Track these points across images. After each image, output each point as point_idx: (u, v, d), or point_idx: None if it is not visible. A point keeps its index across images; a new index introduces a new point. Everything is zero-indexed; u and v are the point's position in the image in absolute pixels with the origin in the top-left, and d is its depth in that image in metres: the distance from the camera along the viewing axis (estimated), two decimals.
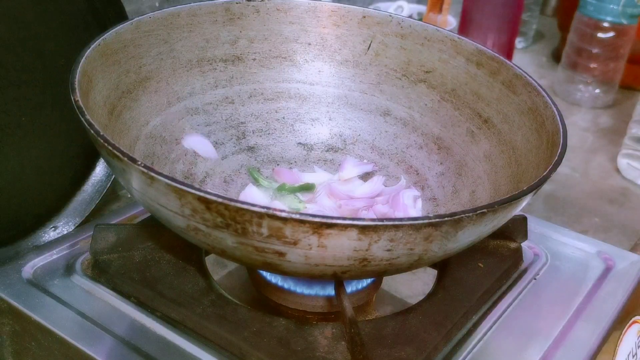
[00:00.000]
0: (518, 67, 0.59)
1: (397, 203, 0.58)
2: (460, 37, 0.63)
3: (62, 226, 0.68)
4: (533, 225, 0.65)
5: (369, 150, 0.66)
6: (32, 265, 0.55)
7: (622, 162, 1.08)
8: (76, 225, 0.68)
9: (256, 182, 0.61)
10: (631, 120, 1.06)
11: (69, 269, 0.55)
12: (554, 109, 0.54)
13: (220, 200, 0.39)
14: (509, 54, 1.26)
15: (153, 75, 0.60)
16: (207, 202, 0.40)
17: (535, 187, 0.45)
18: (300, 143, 0.67)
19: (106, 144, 0.43)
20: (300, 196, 0.59)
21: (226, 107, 0.65)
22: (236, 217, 0.40)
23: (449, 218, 0.41)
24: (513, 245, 0.60)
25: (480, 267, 0.57)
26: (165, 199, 0.42)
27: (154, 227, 0.55)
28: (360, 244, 0.41)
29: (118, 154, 0.42)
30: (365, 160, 0.65)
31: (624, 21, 1.21)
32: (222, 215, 0.40)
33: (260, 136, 0.66)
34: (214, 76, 0.64)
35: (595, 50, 1.26)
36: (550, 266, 0.61)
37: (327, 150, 0.66)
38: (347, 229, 0.40)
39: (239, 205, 0.39)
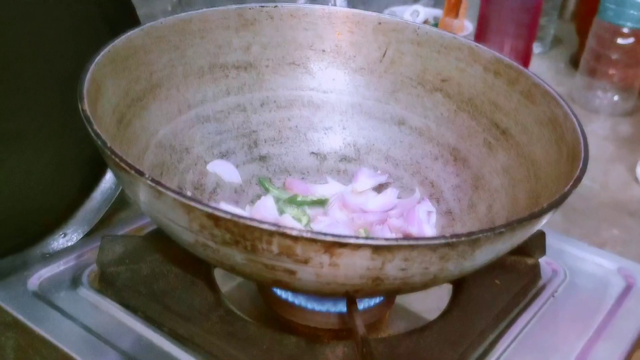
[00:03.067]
0: (537, 76, 0.57)
1: (411, 217, 0.56)
2: (477, 45, 0.62)
3: (70, 233, 0.67)
4: (551, 239, 0.63)
5: (383, 161, 0.64)
6: (39, 277, 0.54)
7: None
8: (85, 233, 0.67)
9: (267, 192, 0.60)
10: None
11: (75, 281, 0.54)
12: (575, 120, 0.52)
13: (229, 217, 0.38)
14: (526, 60, 1.24)
15: (164, 82, 0.59)
16: (215, 219, 0.39)
17: (555, 204, 0.43)
18: (313, 152, 0.65)
19: (113, 156, 0.42)
20: (308, 210, 0.58)
21: (238, 115, 0.63)
22: (245, 234, 0.39)
23: (466, 238, 0.39)
24: (530, 261, 0.58)
25: (497, 284, 0.55)
26: (173, 213, 0.41)
27: (162, 239, 0.54)
28: (374, 263, 0.39)
29: (125, 166, 0.41)
30: (379, 171, 0.64)
31: None
32: (231, 232, 0.39)
33: (273, 145, 0.64)
34: (226, 83, 0.63)
35: (614, 57, 1.24)
36: (569, 283, 0.59)
37: (341, 160, 0.65)
38: (360, 249, 0.38)
39: (248, 222, 0.38)
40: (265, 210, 0.56)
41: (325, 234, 0.38)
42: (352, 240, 0.38)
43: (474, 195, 0.58)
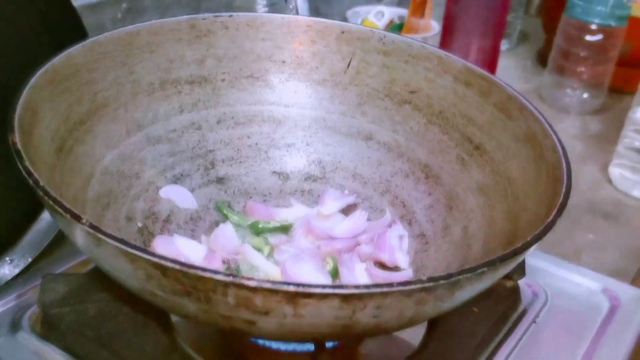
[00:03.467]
0: (512, 87, 0.54)
1: (382, 244, 0.52)
2: (447, 54, 0.58)
3: (17, 259, 0.62)
4: (529, 257, 0.60)
5: (350, 179, 0.60)
6: None
7: (615, 172, 1.03)
8: (33, 257, 0.62)
9: (225, 219, 0.55)
10: (624, 129, 1.02)
11: (15, 324, 0.49)
12: (554, 137, 0.49)
13: (177, 267, 0.34)
14: (494, 58, 1.21)
15: (110, 101, 0.54)
16: (162, 269, 0.34)
17: (539, 236, 0.40)
18: (275, 172, 0.61)
19: (47, 198, 0.37)
20: (270, 238, 0.54)
21: (192, 133, 0.59)
22: (197, 285, 0.34)
23: (445, 281, 0.35)
24: (510, 284, 0.55)
25: (475, 311, 0.52)
26: (115, 262, 0.36)
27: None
28: (343, 312, 0.35)
29: (60, 210, 0.36)
30: (346, 191, 0.59)
31: (613, 23, 1.17)
32: (182, 282, 0.35)
33: (231, 165, 0.60)
34: (179, 100, 0.58)
35: (583, 54, 1.21)
36: (551, 307, 0.55)
37: (305, 180, 0.61)
38: (327, 298, 0.34)
39: (200, 273, 0.34)
40: (224, 240, 0.52)
41: (287, 284, 0.33)
42: (317, 290, 0.34)
43: (448, 216, 0.54)
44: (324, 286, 0.34)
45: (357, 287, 0.34)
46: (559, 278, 0.59)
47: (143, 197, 0.53)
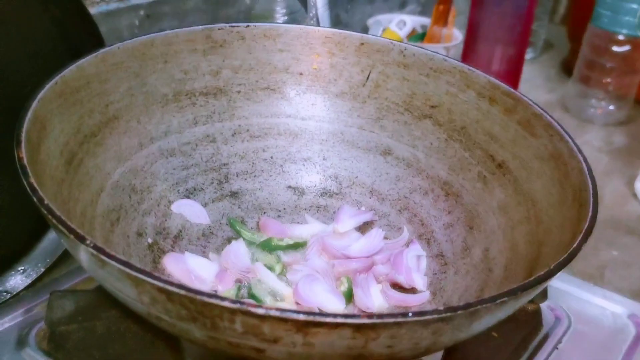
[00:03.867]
0: (538, 105, 0.52)
1: (398, 264, 0.50)
2: (470, 68, 0.56)
3: (30, 269, 0.61)
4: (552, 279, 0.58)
5: (367, 195, 0.59)
6: None
7: None
8: (46, 267, 0.61)
9: (238, 235, 0.54)
10: None
11: (21, 341, 0.48)
12: (581, 158, 0.47)
13: (183, 292, 0.32)
14: (518, 68, 1.19)
15: (122, 114, 0.53)
16: (167, 293, 0.33)
17: (563, 264, 0.38)
18: (290, 186, 0.59)
19: (50, 216, 0.36)
20: (283, 256, 0.52)
21: (207, 146, 0.57)
22: (204, 311, 0.33)
23: (463, 311, 0.34)
24: (531, 307, 0.53)
25: (495, 336, 0.50)
26: (119, 284, 0.35)
27: None
28: (355, 342, 0.34)
29: (63, 229, 0.35)
30: (363, 208, 0.58)
31: None
32: (187, 308, 0.33)
33: (245, 179, 0.58)
34: (193, 112, 0.57)
35: (609, 64, 1.19)
36: (574, 331, 0.53)
37: (321, 195, 0.59)
38: (338, 328, 0.32)
39: (205, 299, 0.32)
40: (236, 258, 0.50)
41: (296, 312, 0.32)
42: (328, 320, 0.32)
43: (469, 237, 0.53)
44: (335, 315, 0.32)
45: (370, 316, 0.32)
46: (582, 301, 0.57)
47: (154, 212, 0.52)
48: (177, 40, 0.56)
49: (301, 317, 0.32)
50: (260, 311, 0.32)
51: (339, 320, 0.32)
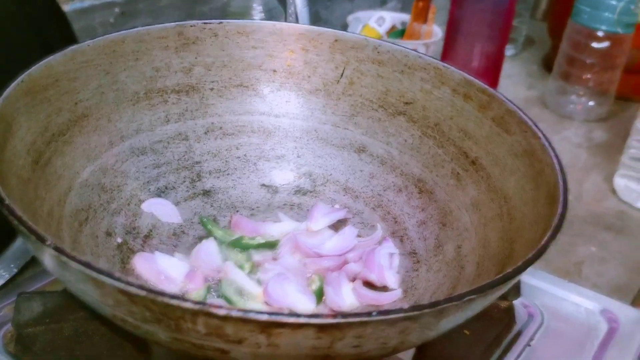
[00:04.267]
0: (512, 102, 0.52)
1: (370, 262, 0.50)
2: (445, 65, 0.56)
3: (2, 270, 0.60)
4: (524, 275, 0.58)
5: (341, 193, 0.58)
6: None
7: (620, 182, 1.01)
8: (19, 268, 0.60)
9: (210, 234, 0.53)
10: (629, 138, 0.99)
11: None
12: (552, 154, 0.47)
13: (145, 294, 0.32)
14: (498, 64, 1.19)
15: (92, 111, 0.52)
16: (130, 295, 0.32)
17: (531, 260, 0.38)
18: (263, 185, 0.59)
19: (11, 217, 0.35)
20: (255, 255, 0.52)
21: (179, 144, 0.57)
22: (167, 312, 0.33)
23: (430, 309, 0.33)
24: (504, 304, 0.53)
25: (466, 334, 0.49)
26: (82, 286, 0.35)
27: None
28: (320, 342, 0.33)
29: (24, 230, 0.35)
30: (337, 205, 0.57)
31: (620, 30, 1.14)
32: (150, 310, 0.33)
33: (218, 177, 0.58)
34: (165, 110, 0.56)
35: (589, 61, 1.19)
36: (546, 328, 0.53)
37: (295, 193, 0.59)
38: (302, 328, 0.32)
39: (167, 300, 0.32)
40: (206, 257, 0.50)
41: (259, 313, 0.32)
42: (292, 320, 0.32)
43: (442, 234, 0.52)
44: (298, 315, 0.32)
45: (334, 316, 0.32)
46: (556, 298, 0.57)
47: (124, 211, 0.52)
48: (148, 37, 0.55)
49: (263, 317, 0.32)
50: (221, 312, 0.31)
51: (302, 320, 0.32)
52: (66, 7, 0.74)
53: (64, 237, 0.44)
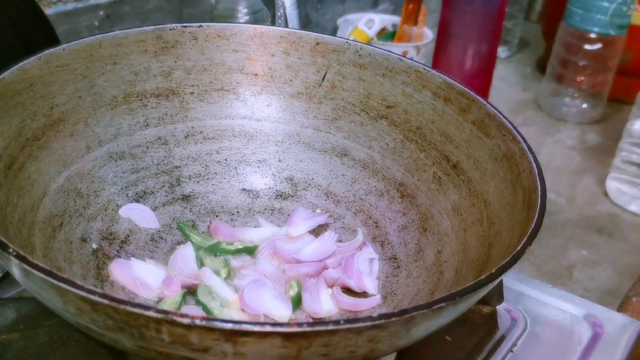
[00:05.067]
0: (491, 105, 0.51)
1: (349, 268, 0.49)
2: (426, 68, 0.55)
3: None
4: (508, 279, 0.57)
5: (323, 197, 0.58)
6: None
7: (612, 186, 1.00)
8: (3, 272, 0.60)
9: (187, 239, 0.53)
10: (621, 141, 0.99)
11: None
12: (531, 158, 0.46)
13: (106, 302, 0.31)
14: (490, 65, 1.18)
15: (68, 116, 0.51)
16: (92, 303, 0.32)
17: (505, 267, 0.37)
18: (244, 189, 0.58)
19: None
20: (233, 261, 0.51)
21: (158, 149, 0.56)
22: (129, 321, 0.32)
23: (397, 318, 0.33)
24: (486, 309, 0.52)
25: (448, 340, 0.49)
26: (46, 294, 0.34)
27: None
28: (287, 351, 0.33)
29: None
30: (318, 210, 0.57)
31: (612, 32, 1.14)
32: (112, 318, 0.32)
33: (198, 182, 0.57)
34: (144, 114, 0.56)
35: (581, 63, 1.18)
36: (530, 334, 0.53)
37: (276, 198, 0.58)
38: (267, 337, 0.32)
39: (129, 309, 0.31)
40: (183, 263, 0.49)
41: (223, 321, 0.31)
42: (256, 328, 0.31)
43: (422, 239, 0.52)
44: (263, 324, 0.31)
45: (300, 325, 0.32)
46: (540, 303, 0.56)
47: (101, 217, 0.51)
48: (126, 41, 0.54)
49: (228, 326, 0.31)
50: (185, 320, 0.31)
51: (267, 329, 0.31)
52: (49, 10, 0.73)
53: (35, 243, 0.44)
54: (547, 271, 0.87)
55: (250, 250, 0.52)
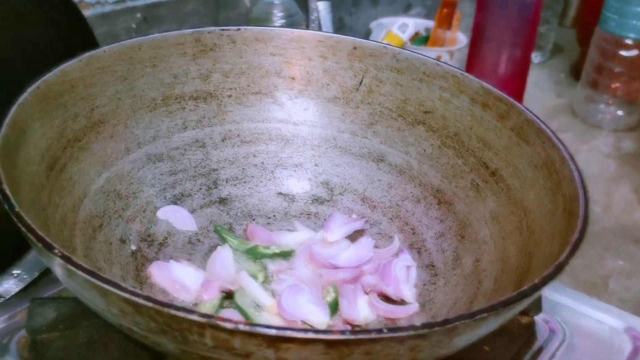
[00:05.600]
0: (530, 111, 0.51)
1: (387, 275, 0.49)
2: (464, 73, 0.55)
3: (24, 273, 0.60)
4: (545, 290, 0.56)
5: (359, 202, 0.57)
6: None
7: None
8: (40, 272, 0.60)
9: (224, 242, 0.53)
10: None
11: (2, 349, 0.47)
12: (572, 166, 0.45)
13: (150, 304, 0.31)
14: (524, 71, 1.17)
15: (108, 118, 0.52)
16: (135, 305, 0.32)
17: (549, 277, 0.37)
18: (280, 193, 0.58)
19: (20, 224, 0.35)
20: (270, 265, 0.51)
21: (196, 151, 0.56)
22: (172, 324, 0.32)
23: (440, 327, 0.32)
24: (525, 320, 0.52)
25: (486, 350, 0.48)
26: (89, 294, 0.34)
27: None
28: (329, 358, 0.33)
29: (32, 237, 0.34)
30: (354, 215, 0.57)
31: None
32: (155, 320, 0.32)
33: (235, 185, 0.57)
34: (182, 116, 0.56)
35: (617, 69, 1.17)
36: (568, 345, 0.52)
37: (312, 202, 0.58)
38: (309, 344, 0.31)
39: (172, 312, 0.31)
40: (221, 266, 0.49)
41: (267, 327, 0.31)
42: (299, 335, 0.31)
43: (460, 246, 0.51)
44: (306, 331, 0.31)
45: (342, 332, 0.31)
46: (579, 314, 0.55)
47: (139, 218, 0.51)
48: (165, 43, 0.55)
49: (271, 332, 0.31)
50: (229, 325, 0.31)
51: (310, 336, 0.31)
52: (88, 13, 0.74)
53: (76, 243, 0.44)
54: (583, 281, 0.86)
55: (286, 255, 0.52)
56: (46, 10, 0.63)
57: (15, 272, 0.59)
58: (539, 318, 0.53)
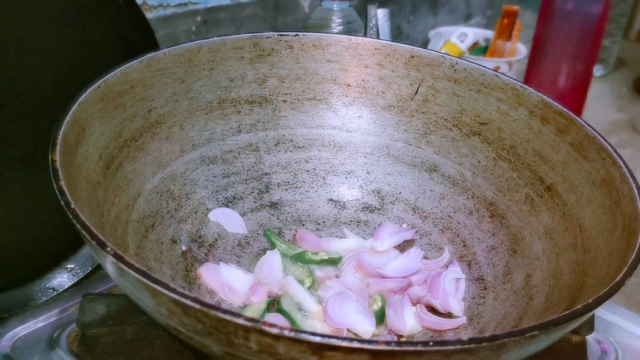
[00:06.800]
0: (591, 126, 0.49)
1: (435, 287, 0.48)
2: (523, 85, 0.54)
3: (78, 268, 0.62)
4: (599, 309, 0.55)
5: (410, 212, 0.57)
6: (13, 336, 0.48)
7: None
8: (93, 266, 0.61)
9: (273, 246, 0.53)
10: None
11: (53, 341, 0.48)
12: (633, 184, 0.44)
13: (198, 307, 0.32)
14: (585, 84, 1.15)
15: (165, 119, 0.53)
16: (183, 307, 0.32)
17: (604, 298, 0.36)
18: (331, 199, 0.58)
19: (75, 221, 0.36)
20: (317, 271, 0.51)
21: (249, 155, 0.57)
22: (219, 326, 0.32)
23: (488, 343, 0.32)
24: (576, 339, 0.50)
25: None
26: (139, 294, 0.35)
27: None
28: None
29: (86, 235, 0.35)
30: (404, 225, 0.56)
31: None
32: (202, 322, 0.33)
33: (286, 190, 0.58)
34: (237, 120, 0.57)
35: None
36: None
37: (362, 210, 0.58)
38: (354, 353, 0.31)
39: (220, 315, 0.31)
40: (269, 271, 0.50)
41: (311, 334, 0.31)
42: (344, 344, 0.31)
43: (511, 261, 0.50)
44: (351, 340, 0.31)
45: (388, 343, 0.31)
46: (632, 335, 0.53)
47: (191, 219, 0.52)
48: (224, 47, 0.55)
49: (316, 339, 0.31)
50: (274, 331, 0.31)
51: (356, 345, 0.31)
52: (150, 15, 0.75)
53: (128, 241, 0.45)
54: (636, 301, 0.83)
55: (334, 262, 0.52)
56: (110, 12, 0.65)
57: (69, 266, 0.61)
58: (590, 337, 0.52)
